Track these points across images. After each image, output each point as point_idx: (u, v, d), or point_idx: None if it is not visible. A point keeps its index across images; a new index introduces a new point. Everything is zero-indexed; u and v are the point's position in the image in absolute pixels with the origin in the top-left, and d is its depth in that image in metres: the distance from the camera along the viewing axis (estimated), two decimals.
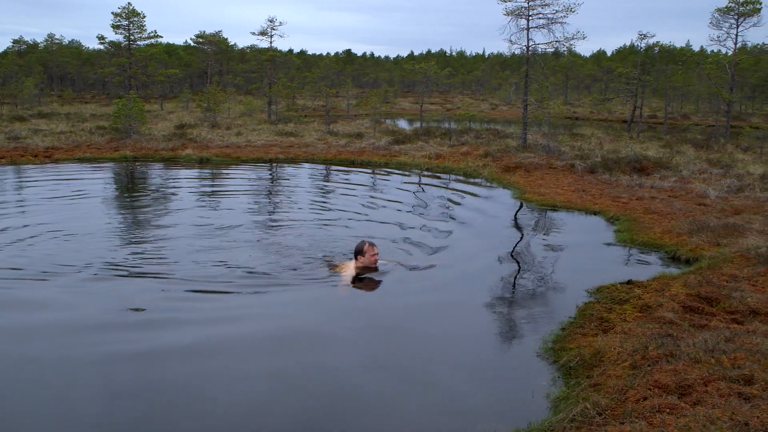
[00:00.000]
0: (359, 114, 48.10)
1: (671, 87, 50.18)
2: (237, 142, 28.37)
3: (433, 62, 42.60)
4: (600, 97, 66.79)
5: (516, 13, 26.78)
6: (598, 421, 5.30)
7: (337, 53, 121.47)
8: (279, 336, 7.84)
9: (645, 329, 7.24)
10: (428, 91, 60.29)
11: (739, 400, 5.41)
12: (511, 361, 7.13)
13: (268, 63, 42.68)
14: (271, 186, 19.58)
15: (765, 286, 9.28)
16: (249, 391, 6.36)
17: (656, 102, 67.51)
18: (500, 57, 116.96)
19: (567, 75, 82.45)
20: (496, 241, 12.72)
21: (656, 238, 12.55)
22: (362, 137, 30.89)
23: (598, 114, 61.31)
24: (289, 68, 57.99)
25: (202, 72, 72.18)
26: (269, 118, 40.30)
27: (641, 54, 48.30)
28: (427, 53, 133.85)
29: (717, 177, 20.16)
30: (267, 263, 10.67)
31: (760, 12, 34.87)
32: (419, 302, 8.98)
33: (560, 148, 25.77)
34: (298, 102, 61.90)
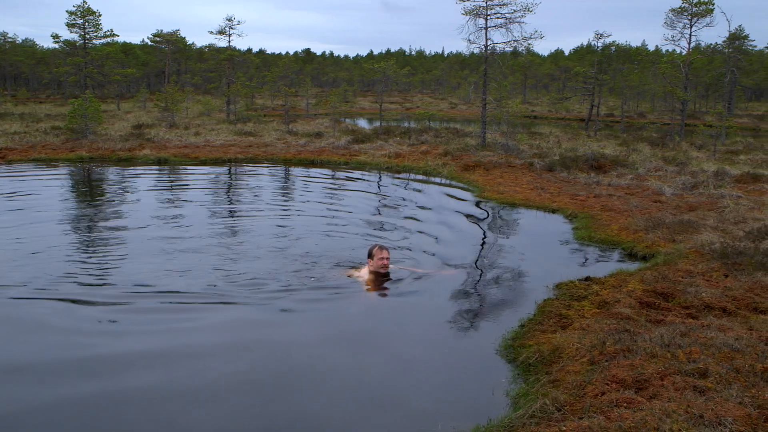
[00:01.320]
0: (319, 113, 47.99)
1: (627, 86, 50.83)
2: (195, 142, 28.12)
3: (393, 61, 42.64)
4: (558, 96, 67.37)
5: (474, 12, 26.92)
6: (557, 417, 5.35)
7: (296, 52, 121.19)
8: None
9: (603, 325, 7.32)
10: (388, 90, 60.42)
11: (694, 393, 5.50)
12: (471, 358, 7.16)
13: (226, 62, 42.40)
14: (231, 187, 19.42)
15: (719, 281, 9.44)
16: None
17: (613, 101, 68.38)
18: (459, 56, 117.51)
19: (525, 74, 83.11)
20: (455, 239, 12.77)
21: (613, 235, 12.71)
22: (322, 136, 30.82)
23: (556, 113, 61.89)
24: (248, 67, 57.78)
25: (160, 71, 71.54)
26: (228, 118, 40.03)
27: (598, 53, 48.86)
28: (386, 52, 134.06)
29: (672, 174, 20.47)
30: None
31: (712, 13, 35.51)
32: (379, 301, 8.98)
33: (519, 147, 25.98)
34: (258, 101, 61.55)
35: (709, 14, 35.53)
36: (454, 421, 5.68)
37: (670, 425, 4.83)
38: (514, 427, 5.32)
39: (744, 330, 7.20)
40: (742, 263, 10.07)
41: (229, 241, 12.20)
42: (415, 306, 8.82)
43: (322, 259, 10.81)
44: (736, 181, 19.02)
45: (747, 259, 10.22)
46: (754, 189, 17.90)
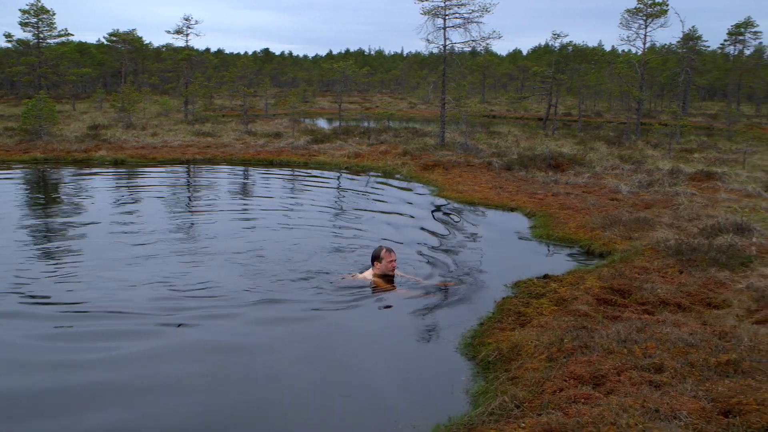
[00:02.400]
0: (278, 113, 47.73)
1: (584, 85, 51.39)
2: (153, 143, 27.82)
3: (352, 61, 42.63)
4: (516, 96, 67.94)
5: (433, 12, 27.02)
6: (516, 414, 5.38)
7: (255, 52, 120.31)
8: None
9: (561, 322, 7.39)
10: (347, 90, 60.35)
11: (650, 387, 5.57)
12: (431, 357, 7.17)
13: (184, 62, 42.01)
14: (190, 189, 19.24)
15: (674, 277, 9.59)
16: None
17: (570, 100, 68.99)
18: (418, 56, 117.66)
19: (484, 74, 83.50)
20: (413, 238, 12.79)
21: (571, 233, 12.84)
22: (281, 137, 30.69)
23: (514, 112, 62.27)
24: (206, 67, 57.30)
25: (116, 71, 70.45)
26: (186, 118, 39.64)
27: (555, 53, 49.42)
28: (345, 52, 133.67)
29: (628, 173, 20.74)
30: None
31: (666, 14, 36.03)
32: (340, 300, 8.95)
33: (478, 146, 26.11)
34: (216, 101, 60.99)
35: (664, 15, 36.05)
36: (413, 419, 5.69)
37: (627, 420, 4.88)
38: (474, 425, 5.34)
39: (698, 325, 7.32)
40: (697, 259, 10.24)
41: (189, 247, 11.75)
42: (375, 306, 8.80)
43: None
44: (690, 179, 19.34)
45: (701, 255, 10.39)
46: (708, 186, 18.21)
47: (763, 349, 6.38)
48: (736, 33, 67.57)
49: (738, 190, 17.61)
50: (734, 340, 6.64)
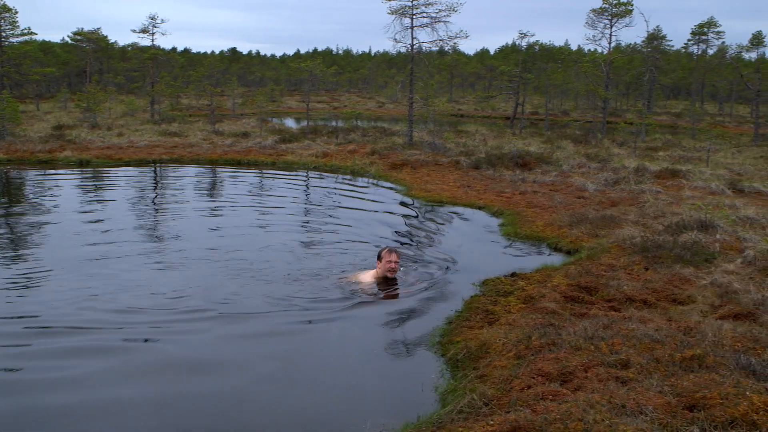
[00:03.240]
0: (245, 113, 47.53)
1: (551, 84, 51.80)
2: (119, 143, 27.53)
3: (319, 60, 42.57)
4: (484, 95, 68.12)
5: (400, 11, 27.04)
6: (485, 411, 5.40)
7: (222, 51, 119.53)
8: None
9: (528, 320, 7.43)
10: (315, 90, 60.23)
11: (616, 383, 5.62)
12: (401, 356, 7.18)
13: (150, 61, 41.65)
14: (157, 189, 19.06)
15: (640, 274, 9.69)
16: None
17: (537, 99, 69.47)
18: (386, 55, 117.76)
19: (452, 73, 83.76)
20: (382, 238, 12.80)
21: (538, 231, 12.92)
22: (248, 136, 30.53)
23: (482, 111, 62.58)
24: (173, 67, 56.74)
25: (81, 71, 69.58)
26: (152, 118, 39.33)
27: (522, 53, 49.60)
28: (313, 51, 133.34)
29: (595, 171, 20.92)
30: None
31: (631, 13, 36.42)
32: (307, 300, 8.93)
33: (445, 145, 26.19)
34: (183, 101, 60.54)
35: (628, 15, 36.43)
36: (383, 418, 5.68)
37: (594, 416, 4.92)
38: (443, 423, 5.35)
39: (664, 321, 7.41)
40: (662, 256, 10.36)
41: (156, 252, 11.39)
42: (341, 305, 8.78)
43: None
44: (655, 176, 19.55)
45: (666, 252, 10.51)
46: (673, 184, 18.43)
47: (727, 344, 6.47)
48: (699, 33, 68.42)
49: (702, 188, 17.85)
50: (699, 336, 6.73)
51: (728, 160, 25.19)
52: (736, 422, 4.84)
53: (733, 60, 57.76)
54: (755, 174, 21.06)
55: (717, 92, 73.45)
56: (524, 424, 4.89)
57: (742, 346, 6.45)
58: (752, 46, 49.05)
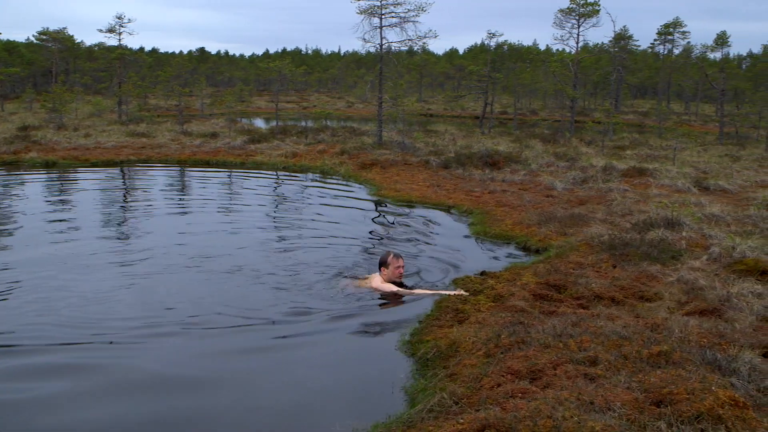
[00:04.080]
0: (214, 113, 47.20)
1: (520, 84, 52.07)
2: (86, 144, 27.20)
3: (289, 60, 42.42)
4: (453, 94, 68.34)
5: (369, 11, 27.01)
6: (455, 410, 5.42)
7: (190, 51, 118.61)
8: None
9: (498, 318, 7.47)
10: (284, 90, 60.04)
11: (585, 380, 5.67)
12: (370, 356, 7.18)
13: (117, 61, 41.24)
14: (125, 190, 18.88)
15: (608, 272, 9.78)
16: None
17: (506, 98, 69.80)
18: (356, 55, 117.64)
19: (421, 73, 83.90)
20: (351, 238, 12.79)
21: (508, 230, 12.98)
22: (217, 137, 30.34)
23: (451, 111, 62.72)
24: (140, 67, 56.22)
25: (47, 71, 68.66)
26: (120, 119, 38.91)
27: (491, 52, 49.87)
28: (282, 51, 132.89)
29: (563, 170, 21.08)
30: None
31: (598, 13, 36.67)
32: (277, 301, 8.90)
33: (415, 145, 26.23)
34: (151, 101, 60.01)
35: (596, 15, 36.68)
36: (352, 419, 5.68)
37: (563, 413, 4.96)
38: (413, 422, 5.36)
39: (631, 318, 7.49)
40: (629, 254, 10.46)
41: (126, 256, 11.01)
42: (310, 305, 8.74)
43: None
44: (623, 175, 19.73)
45: (633, 250, 10.62)
46: (640, 182, 18.61)
47: (693, 340, 6.55)
48: (665, 33, 69.24)
49: (668, 186, 18.05)
50: (665, 332, 6.81)
51: (694, 159, 25.50)
52: (702, 417, 4.90)
53: (699, 60, 58.49)
54: (720, 172, 21.34)
55: (683, 91, 74.33)
56: (494, 422, 4.91)
57: (707, 341, 6.53)
58: (717, 46, 49.78)
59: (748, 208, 15.00)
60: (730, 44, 53.47)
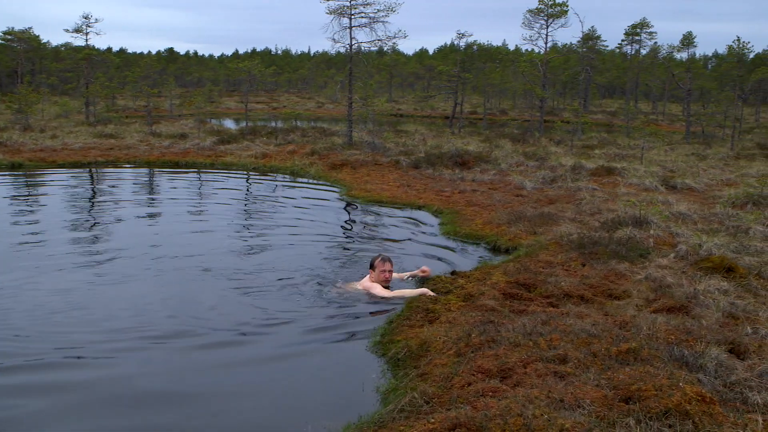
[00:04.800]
0: (183, 114, 46.92)
1: (489, 84, 52.31)
2: (52, 145, 26.84)
3: (258, 60, 42.27)
4: (423, 94, 68.61)
5: (338, 12, 26.97)
6: (426, 410, 5.42)
7: (158, 52, 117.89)
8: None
9: (468, 317, 7.49)
10: (254, 90, 59.76)
11: (554, 378, 5.71)
12: (342, 357, 7.16)
13: (84, 62, 40.83)
14: (93, 192, 18.65)
15: (577, 270, 9.85)
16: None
17: (476, 98, 70.06)
18: (325, 55, 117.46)
19: (391, 73, 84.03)
20: (322, 238, 12.76)
21: (478, 230, 13.03)
22: (186, 138, 30.10)
23: (421, 111, 62.86)
24: (108, 67, 55.77)
25: (12, 71, 67.74)
26: (87, 120, 38.52)
27: (461, 52, 50.06)
28: (252, 51, 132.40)
29: (533, 169, 21.20)
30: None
31: (566, 14, 36.98)
32: (248, 302, 8.85)
33: (385, 145, 26.24)
34: (119, 102, 59.49)
35: (564, 15, 37.00)
36: (324, 420, 5.67)
37: (533, 411, 4.99)
38: (384, 422, 5.35)
39: (600, 316, 7.55)
40: (598, 252, 10.54)
41: (95, 260, 10.72)
42: (282, 306, 8.71)
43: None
44: (591, 174, 19.90)
45: (602, 248, 10.70)
46: (608, 181, 18.79)
47: (661, 337, 6.62)
48: (632, 33, 69.87)
49: (636, 185, 18.23)
50: (634, 329, 6.87)
51: (661, 158, 25.77)
52: (670, 413, 4.96)
53: (665, 60, 59.10)
54: (687, 171, 21.58)
55: (650, 91, 75.18)
56: (464, 421, 4.93)
57: (675, 338, 6.61)
58: (683, 46, 50.42)
59: (714, 206, 15.19)
60: (696, 44, 54.20)
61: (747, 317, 7.62)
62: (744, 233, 12.17)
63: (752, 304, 8.12)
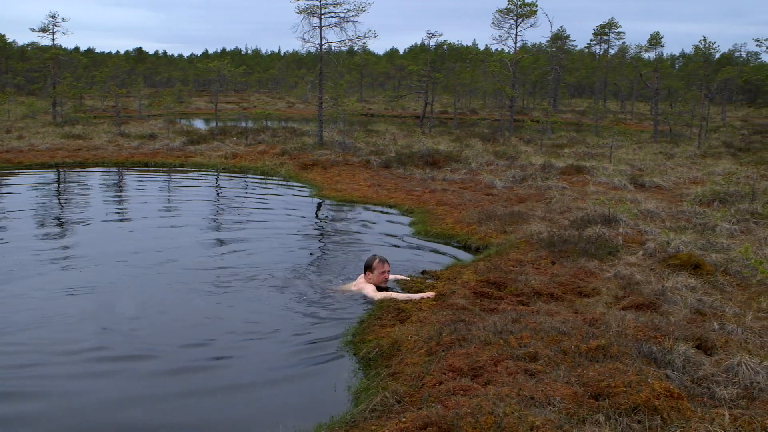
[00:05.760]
0: (152, 114, 46.52)
1: (460, 84, 52.45)
2: (19, 146, 26.46)
3: (228, 60, 42.04)
4: (393, 94, 68.56)
5: (308, 11, 26.93)
6: (397, 409, 5.43)
7: (127, 51, 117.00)
8: None
9: (439, 316, 7.50)
10: (224, 90, 59.40)
11: (525, 376, 5.74)
12: (313, 357, 7.12)
13: (51, 62, 40.39)
14: (60, 194, 18.43)
15: (547, 268, 9.92)
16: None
17: (446, 98, 70.28)
18: (296, 55, 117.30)
19: (362, 73, 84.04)
20: (292, 238, 12.73)
21: (448, 229, 13.06)
22: (156, 138, 29.84)
23: (391, 110, 62.90)
24: (75, 67, 55.17)
25: None
26: (54, 120, 38.07)
27: (431, 52, 50.13)
28: (222, 51, 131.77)
29: (503, 168, 21.30)
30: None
31: (536, 14, 37.22)
32: (215, 304, 8.80)
33: (356, 145, 26.22)
34: (87, 102, 58.86)
35: (533, 15, 37.24)
36: (296, 420, 5.65)
37: (504, 408, 5.01)
38: (356, 422, 5.35)
39: (570, 313, 7.60)
40: (568, 250, 10.62)
41: (65, 267, 10.40)
42: (254, 311, 8.67)
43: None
44: (561, 173, 20.04)
45: (572, 246, 10.78)
46: (578, 180, 18.93)
47: (630, 334, 6.68)
48: (601, 33, 70.49)
49: (605, 183, 18.39)
50: (603, 327, 6.93)
51: (630, 156, 26.02)
52: (639, 408, 5.01)
53: (633, 59, 59.76)
54: (655, 169, 21.82)
55: (619, 90, 75.93)
56: (436, 419, 4.94)
57: (644, 335, 6.67)
58: (650, 46, 50.79)
59: (681, 204, 15.38)
60: (663, 44, 54.64)
61: (714, 313, 7.72)
62: (711, 230, 12.33)
63: (719, 301, 8.23)
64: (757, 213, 13.77)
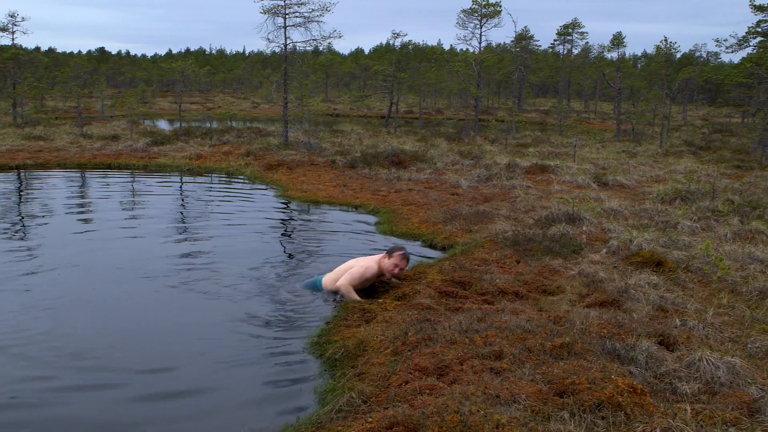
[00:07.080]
0: (115, 115, 46.00)
1: (425, 83, 52.60)
2: None
3: (192, 60, 41.68)
4: (359, 94, 68.60)
5: (273, 11, 26.84)
6: (364, 409, 5.43)
7: (89, 51, 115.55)
8: None
9: (405, 316, 7.51)
10: (188, 91, 59.02)
11: (490, 374, 5.77)
12: (278, 358, 7.08)
13: (10, 62, 39.71)
14: (21, 198, 18.14)
15: (512, 267, 9.97)
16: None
17: (412, 98, 70.44)
18: (261, 55, 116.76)
19: (327, 73, 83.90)
20: (258, 239, 12.66)
21: (414, 228, 13.09)
22: (119, 139, 29.53)
23: (357, 110, 62.90)
24: (36, 67, 54.45)
25: None
26: (15, 121, 37.48)
27: (396, 52, 50.13)
28: (186, 51, 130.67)
29: (468, 168, 21.40)
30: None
31: (500, 14, 37.44)
32: (181, 302, 8.73)
33: (321, 145, 26.17)
34: (48, 103, 58.11)
35: (497, 15, 37.47)
36: (262, 422, 5.63)
37: (470, 407, 5.03)
38: (322, 423, 5.34)
39: (535, 312, 7.65)
40: (532, 249, 10.69)
41: (26, 272, 10.10)
42: (219, 309, 8.61)
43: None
44: (526, 172, 20.18)
45: (536, 245, 10.86)
46: (542, 179, 19.08)
47: (594, 331, 6.74)
48: (564, 33, 71.11)
49: (569, 182, 18.55)
50: (567, 324, 6.99)
51: (593, 155, 26.27)
52: (603, 405, 5.06)
53: (596, 59, 60.31)
54: (618, 168, 22.06)
55: (582, 90, 76.66)
56: (402, 419, 4.94)
57: (607, 332, 6.74)
58: (613, 46, 51.30)
59: (644, 202, 15.58)
60: (625, 44, 55.36)
61: (676, 310, 7.82)
62: (672, 228, 12.50)
63: (681, 297, 8.33)
64: (717, 210, 13.99)
